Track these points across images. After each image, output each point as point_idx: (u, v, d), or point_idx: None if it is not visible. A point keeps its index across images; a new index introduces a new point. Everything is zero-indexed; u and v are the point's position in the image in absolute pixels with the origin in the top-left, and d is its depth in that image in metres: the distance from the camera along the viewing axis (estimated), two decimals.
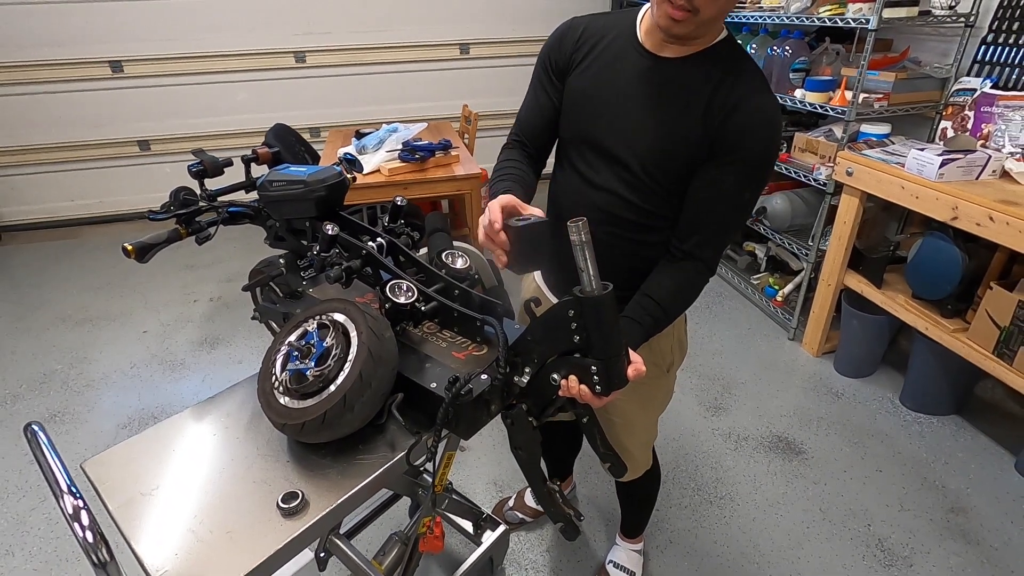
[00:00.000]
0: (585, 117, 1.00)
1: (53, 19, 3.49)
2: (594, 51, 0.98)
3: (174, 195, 1.20)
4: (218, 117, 3.96)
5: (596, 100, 0.98)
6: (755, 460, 1.93)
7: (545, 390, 0.83)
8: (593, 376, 0.77)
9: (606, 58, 0.97)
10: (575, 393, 0.79)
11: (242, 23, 3.75)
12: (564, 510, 0.92)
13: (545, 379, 0.82)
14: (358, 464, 0.83)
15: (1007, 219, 1.54)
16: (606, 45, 0.98)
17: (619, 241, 1.01)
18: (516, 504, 1.72)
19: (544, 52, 1.04)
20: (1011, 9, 1.90)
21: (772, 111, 0.91)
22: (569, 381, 0.79)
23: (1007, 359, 1.68)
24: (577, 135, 1.02)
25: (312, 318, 0.90)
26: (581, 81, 0.99)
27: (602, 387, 0.77)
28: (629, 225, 1.00)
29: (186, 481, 0.83)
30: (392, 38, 4.00)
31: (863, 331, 2.23)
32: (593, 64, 0.98)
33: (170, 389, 2.32)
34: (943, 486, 1.81)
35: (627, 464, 1.15)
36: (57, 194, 3.94)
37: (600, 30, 0.99)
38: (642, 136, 0.93)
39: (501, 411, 0.88)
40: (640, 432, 1.24)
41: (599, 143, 0.98)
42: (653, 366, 1.13)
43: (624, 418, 1.19)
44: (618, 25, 0.99)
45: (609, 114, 0.96)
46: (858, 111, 2.08)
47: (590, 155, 1.00)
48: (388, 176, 2.41)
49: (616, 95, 0.96)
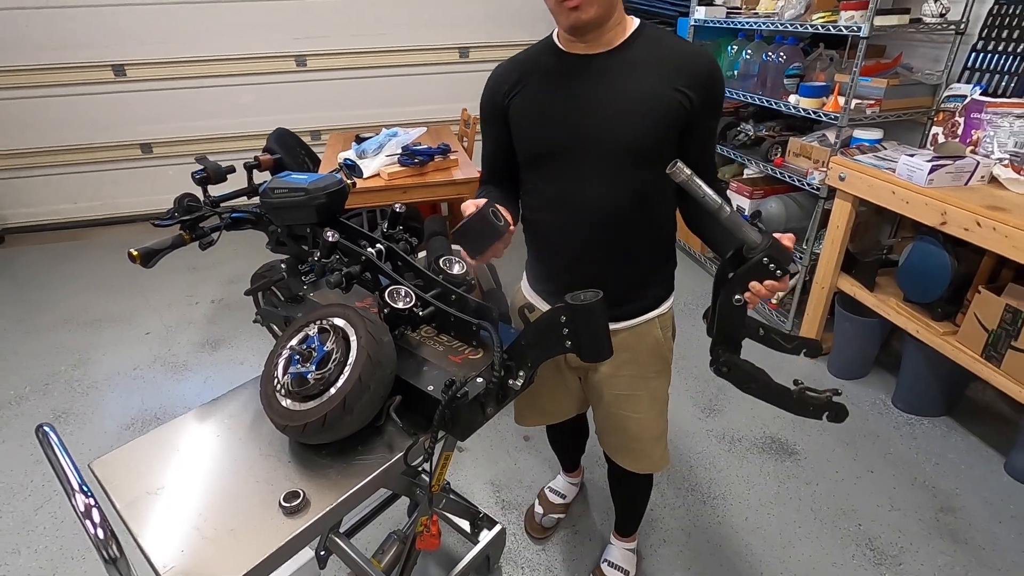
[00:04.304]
0: (544, 130, 1.04)
1: (57, 24, 3.52)
2: (524, 79, 1.05)
3: (178, 202, 1.23)
4: (220, 120, 3.99)
5: (550, 110, 1.03)
6: (748, 461, 1.96)
7: (733, 318, 0.89)
8: (769, 267, 0.83)
9: (540, 77, 1.04)
10: (765, 292, 0.85)
11: (243, 27, 3.78)
12: (823, 399, 0.90)
13: (731, 308, 0.88)
14: (357, 464, 0.86)
15: (993, 224, 1.57)
16: (533, 68, 1.05)
17: (625, 224, 1.05)
18: (544, 508, 1.74)
19: (482, 104, 1.12)
20: (1000, 17, 1.94)
21: (716, 62, 1.01)
22: (753, 288, 0.85)
23: (995, 361, 1.71)
24: (544, 148, 1.05)
25: (313, 323, 0.93)
26: (525, 102, 1.05)
27: (782, 269, 0.83)
28: (630, 207, 1.04)
29: (191, 480, 0.86)
30: (392, 42, 4.03)
31: (856, 333, 2.26)
32: (528, 87, 1.05)
33: (172, 390, 2.35)
34: (933, 486, 1.84)
35: (645, 458, 1.28)
36: (60, 196, 3.97)
37: (522, 63, 1.08)
38: (625, 119, 0.98)
39: (713, 365, 0.94)
40: (657, 424, 1.27)
41: (570, 146, 1.02)
42: (661, 359, 1.20)
43: (640, 414, 1.23)
44: (537, 51, 1.07)
45: (574, 116, 1.00)
46: (851, 117, 2.11)
47: (567, 161, 1.03)
48: (388, 180, 2.44)
49: (568, 99, 1.01)
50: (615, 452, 1.32)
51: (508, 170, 1.15)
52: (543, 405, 1.35)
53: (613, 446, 1.32)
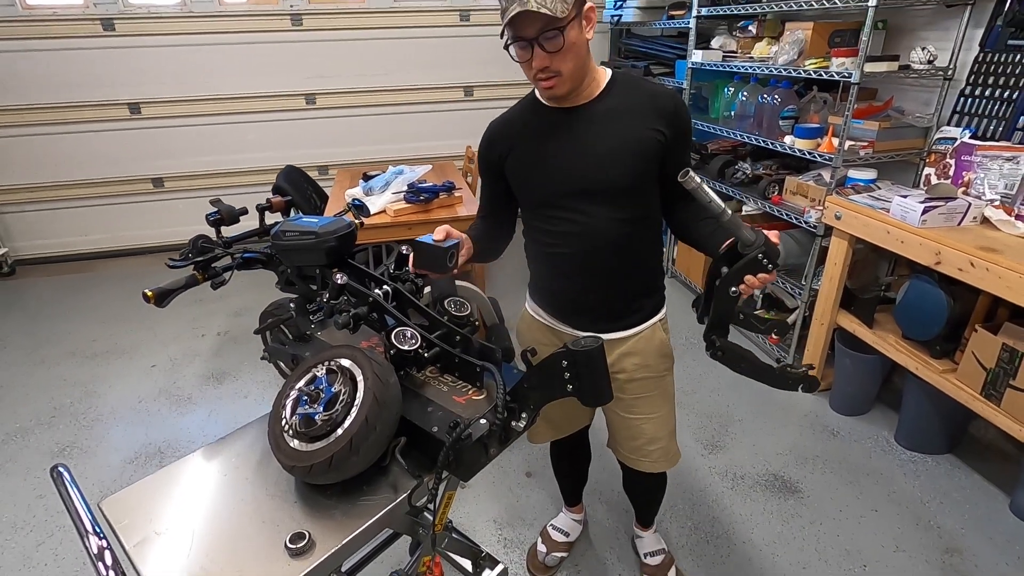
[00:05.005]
0: (548, 180, 1.16)
1: (76, 63, 3.66)
2: (514, 140, 1.19)
3: (192, 243, 1.28)
4: (230, 155, 4.09)
5: (543, 163, 1.15)
6: (752, 499, 1.95)
7: (730, 308, 1.00)
8: (763, 262, 0.95)
9: (529, 135, 1.17)
10: (758, 284, 0.96)
11: (256, 67, 3.92)
12: (800, 374, 1.02)
13: (726, 298, 0.99)
14: (362, 505, 0.88)
15: (987, 265, 1.61)
16: (522, 128, 1.19)
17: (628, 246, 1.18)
18: (547, 546, 1.73)
19: (480, 157, 1.27)
20: (985, 64, 2.01)
21: (680, 98, 1.17)
22: (747, 281, 0.96)
23: (994, 400, 1.72)
24: (550, 196, 1.17)
25: (321, 364, 0.96)
26: (519, 160, 1.19)
27: (773, 263, 0.95)
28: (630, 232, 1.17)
29: (198, 521, 0.87)
30: (399, 81, 4.16)
31: (856, 370, 2.27)
32: (520, 147, 1.18)
33: (176, 424, 2.36)
34: (938, 526, 1.83)
35: (664, 456, 1.39)
36: (72, 229, 4.05)
37: (511, 123, 1.21)
38: (610, 160, 1.11)
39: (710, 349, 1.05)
40: (668, 421, 1.39)
41: (574, 190, 1.14)
42: (667, 357, 1.33)
43: (656, 413, 1.35)
44: (523, 109, 1.21)
45: (567, 164, 1.13)
46: (845, 158, 2.17)
47: (573, 203, 1.15)
48: (394, 217, 2.50)
49: (557, 149, 1.14)
50: (635, 459, 1.41)
51: (502, 211, 1.31)
52: (555, 419, 1.45)
53: (632, 451, 1.40)
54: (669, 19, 3.40)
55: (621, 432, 1.40)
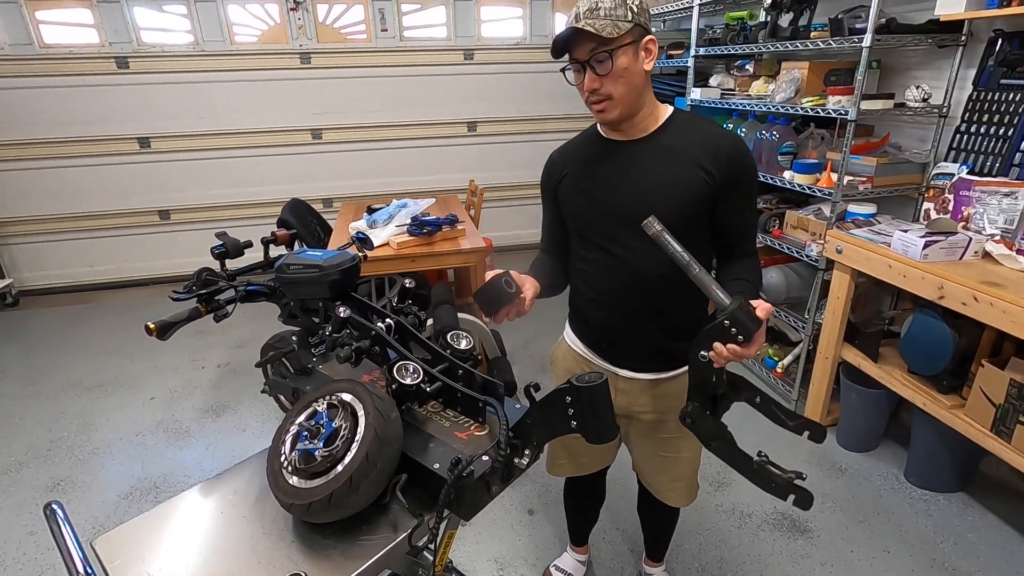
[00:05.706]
0: (592, 208, 1.17)
1: (88, 99, 3.75)
2: (570, 165, 1.21)
3: (197, 276, 1.28)
4: (237, 188, 4.16)
5: (592, 191, 1.16)
6: (759, 538, 1.90)
7: (704, 374, 0.93)
8: (731, 331, 0.87)
9: (583, 162, 1.19)
10: (727, 355, 0.89)
11: (264, 103, 4.01)
12: (785, 480, 0.91)
13: (697, 364, 0.92)
14: (361, 545, 0.85)
15: (990, 300, 1.60)
16: (579, 155, 1.21)
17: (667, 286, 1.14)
18: None
19: (541, 184, 1.30)
20: (979, 102, 2.04)
21: (741, 142, 1.12)
22: (716, 348, 0.90)
23: (1005, 436, 1.69)
24: (592, 223, 1.19)
25: (322, 398, 0.95)
26: (570, 185, 1.21)
27: (744, 335, 0.87)
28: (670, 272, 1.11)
29: (193, 561, 0.85)
30: (404, 116, 4.26)
31: (862, 405, 2.24)
32: (573, 172, 1.20)
33: (174, 457, 2.32)
34: (953, 568, 1.77)
35: (687, 491, 1.37)
36: (78, 260, 4.09)
37: (571, 151, 1.23)
38: (654, 197, 1.10)
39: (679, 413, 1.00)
40: (696, 459, 1.39)
41: (615, 221, 1.14)
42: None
43: (686, 452, 1.35)
44: (584, 138, 1.23)
45: (613, 196, 1.14)
46: (844, 192, 2.19)
47: (614, 233, 1.16)
48: (397, 249, 2.52)
49: (605, 180, 1.15)
50: (664, 492, 1.42)
51: (562, 240, 1.30)
52: (580, 457, 1.44)
53: (660, 484, 1.42)
54: (668, 59, 3.49)
55: (650, 464, 1.40)
